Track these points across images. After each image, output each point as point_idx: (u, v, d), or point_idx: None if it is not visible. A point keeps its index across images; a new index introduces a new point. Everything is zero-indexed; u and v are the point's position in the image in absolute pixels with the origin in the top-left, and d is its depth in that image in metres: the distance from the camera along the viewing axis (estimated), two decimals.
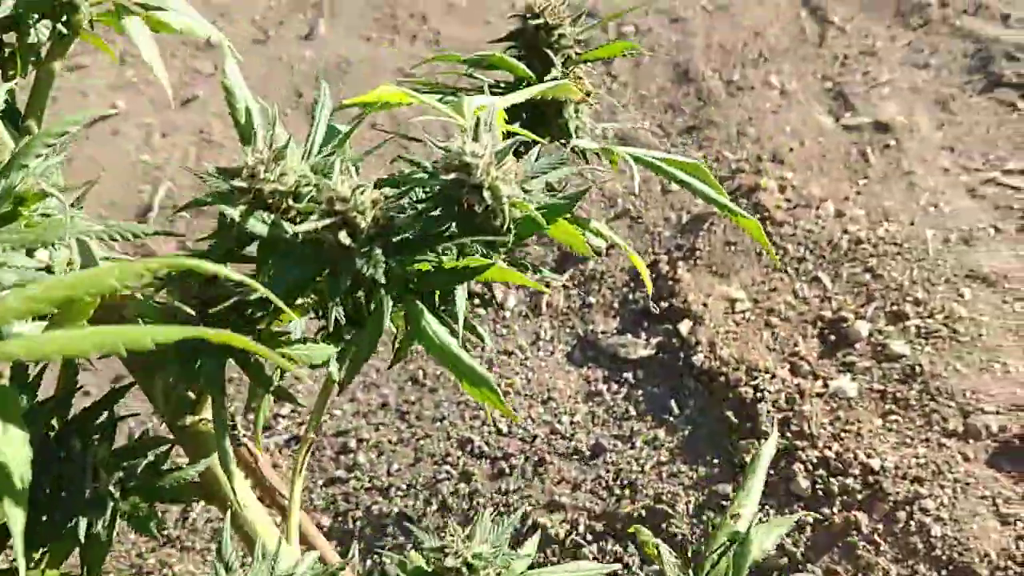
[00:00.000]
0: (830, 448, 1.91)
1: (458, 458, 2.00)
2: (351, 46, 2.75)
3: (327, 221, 0.71)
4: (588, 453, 2.03)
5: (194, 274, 0.80)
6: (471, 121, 0.81)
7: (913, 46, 2.44)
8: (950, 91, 2.34)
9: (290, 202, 0.77)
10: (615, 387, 2.09)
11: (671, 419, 2.02)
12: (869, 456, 1.86)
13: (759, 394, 1.99)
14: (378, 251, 0.72)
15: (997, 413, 1.86)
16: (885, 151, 2.28)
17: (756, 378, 2.01)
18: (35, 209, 0.69)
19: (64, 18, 0.81)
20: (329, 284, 0.73)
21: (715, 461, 1.96)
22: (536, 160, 0.78)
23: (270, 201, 0.77)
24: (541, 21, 1.12)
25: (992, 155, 2.20)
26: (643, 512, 1.90)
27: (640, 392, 2.07)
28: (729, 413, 1.98)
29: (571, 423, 2.06)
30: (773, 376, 2.01)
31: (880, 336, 2.02)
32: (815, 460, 1.89)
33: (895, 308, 2.04)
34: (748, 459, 1.95)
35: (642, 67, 2.54)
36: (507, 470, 1.99)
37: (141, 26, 0.83)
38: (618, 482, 1.98)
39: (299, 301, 0.81)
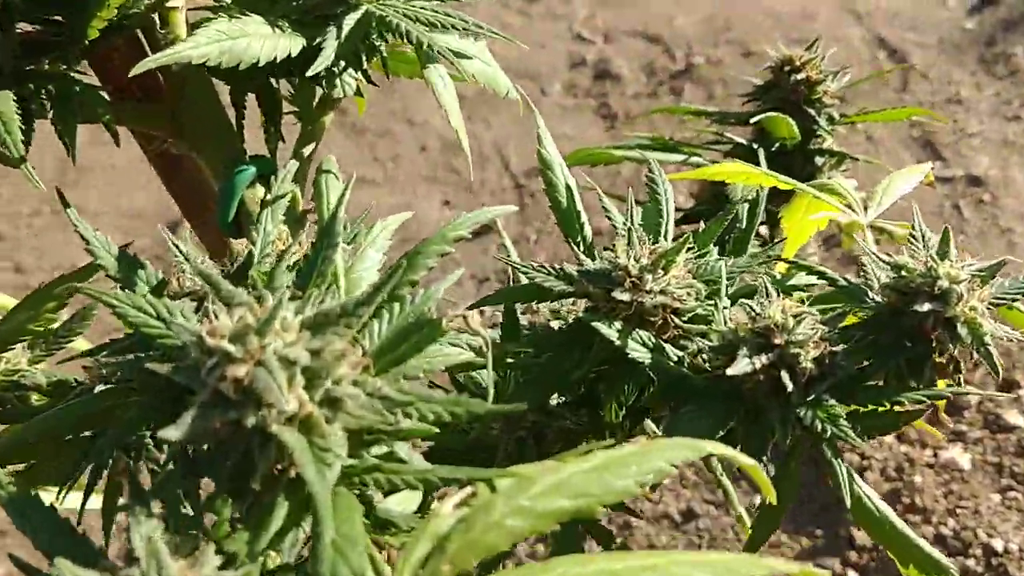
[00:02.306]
0: (945, 524, 1.80)
1: None
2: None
3: (763, 359, 0.55)
4: (679, 518, 1.89)
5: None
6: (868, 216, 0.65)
7: (1001, 96, 2.35)
8: None
9: (673, 319, 0.61)
10: None
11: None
12: (990, 536, 1.75)
13: (865, 462, 1.87)
14: (827, 399, 0.56)
15: None
16: (980, 206, 2.18)
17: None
18: None
19: (365, 66, 0.63)
20: (750, 437, 0.57)
21: (818, 532, 1.83)
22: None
23: (652, 318, 0.60)
24: (802, 76, 0.98)
25: None
26: None
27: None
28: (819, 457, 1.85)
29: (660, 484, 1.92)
30: (879, 443, 1.89)
31: (991, 404, 1.91)
32: (931, 537, 1.78)
33: (1005, 375, 1.93)
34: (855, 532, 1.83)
35: (716, 99, 2.41)
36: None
37: (445, 78, 0.66)
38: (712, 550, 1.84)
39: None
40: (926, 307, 0.55)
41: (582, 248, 0.67)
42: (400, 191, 2.45)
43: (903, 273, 0.57)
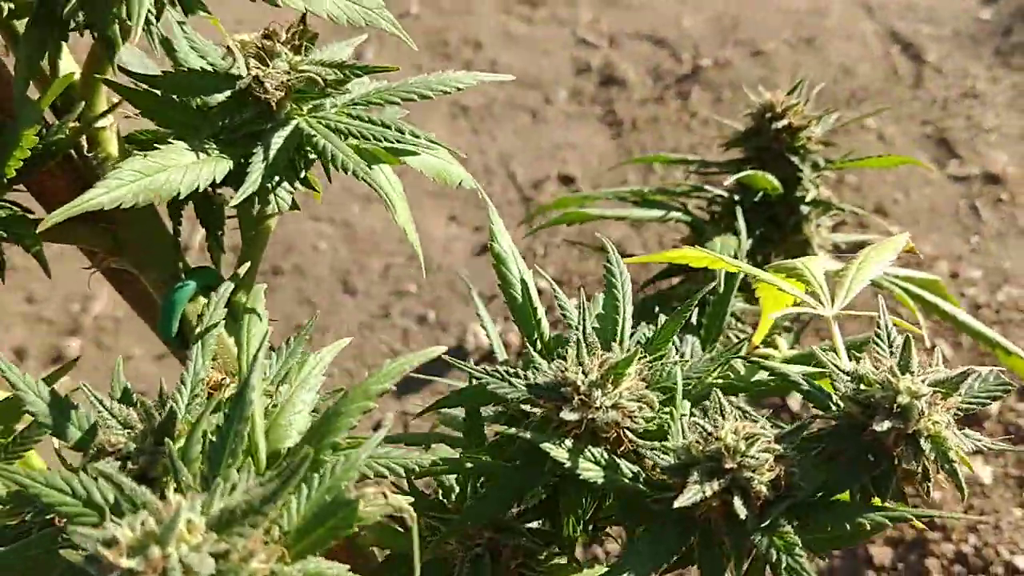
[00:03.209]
0: (966, 542, 1.77)
1: None
2: (401, 76, 2.54)
3: (715, 485, 0.53)
4: None
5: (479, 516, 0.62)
6: (837, 300, 0.63)
7: (1019, 89, 2.28)
8: None
9: (627, 434, 0.58)
10: None
11: None
12: (1013, 553, 1.71)
13: None
14: (784, 524, 0.53)
15: None
16: (998, 205, 2.12)
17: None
18: None
19: (302, 175, 0.61)
20: (706, 563, 0.54)
21: (835, 552, 1.80)
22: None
23: (604, 434, 0.58)
24: (784, 123, 0.94)
25: None
26: None
27: None
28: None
29: None
30: None
31: (1011, 415, 1.86)
32: (951, 555, 1.74)
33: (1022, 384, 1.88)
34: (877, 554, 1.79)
35: (723, 103, 2.36)
36: None
37: (392, 178, 0.64)
38: None
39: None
40: (886, 425, 0.52)
41: (538, 347, 0.64)
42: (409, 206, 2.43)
43: (862, 385, 0.55)
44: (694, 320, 0.84)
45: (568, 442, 0.57)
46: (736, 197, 0.93)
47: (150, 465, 0.53)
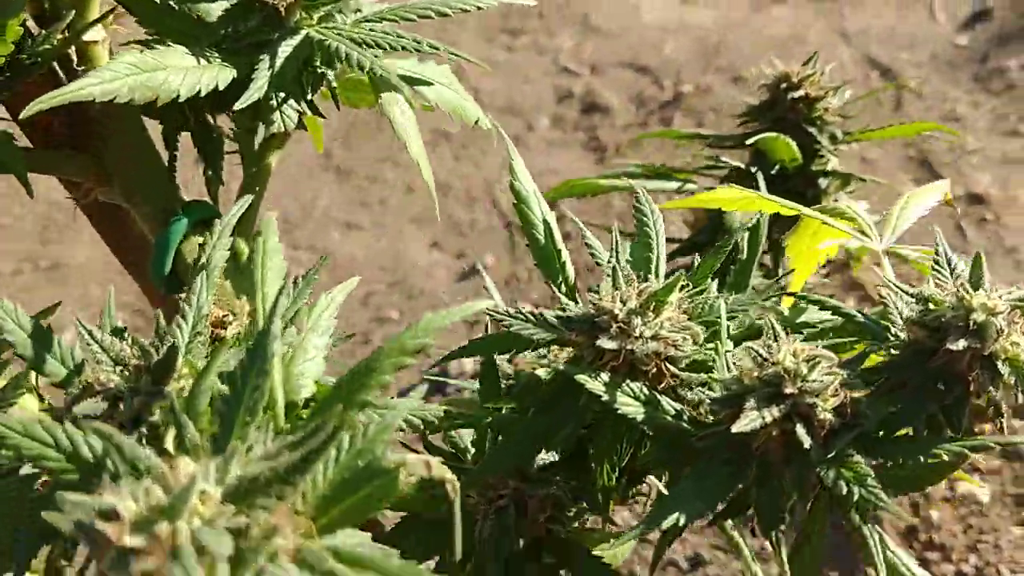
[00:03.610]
0: (967, 561, 1.72)
1: None
2: None
3: (775, 412, 0.47)
4: (686, 565, 1.80)
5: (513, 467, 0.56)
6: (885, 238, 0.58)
7: (998, 112, 2.29)
8: None
9: (669, 367, 0.53)
10: None
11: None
12: (1014, 572, 1.66)
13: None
14: (852, 454, 0.48)
15: None
16: (983, 225, 2.11)
17: None
18: None
19: (309, 96, 0.56)
20: (764, 503, 0.49)
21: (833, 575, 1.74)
22: None
23: (644, 367, 0.53)
24: (801, 93, 0.91)
25: None
26: None
27: None
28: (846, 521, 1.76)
29: None
30: None
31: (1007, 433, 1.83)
32: (951, 575, 1.69)
33: (1019, 402, 1.85)
34: None
35: (706, 127, 2.35)
36: None
37: (405, 108, 0.59)
38: None
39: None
40: (960, 344, 0.48)
41: (563, 290, 0.60)
42: (387, 235, 2.38)
43: (931, 306, 0.50)
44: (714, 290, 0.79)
45: (604, 376, 0.52)
46: (752, 169, 0.89)
47: (145, 408, 0.47)
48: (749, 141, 0.85)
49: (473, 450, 0.62)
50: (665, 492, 0.71)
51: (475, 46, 2.70)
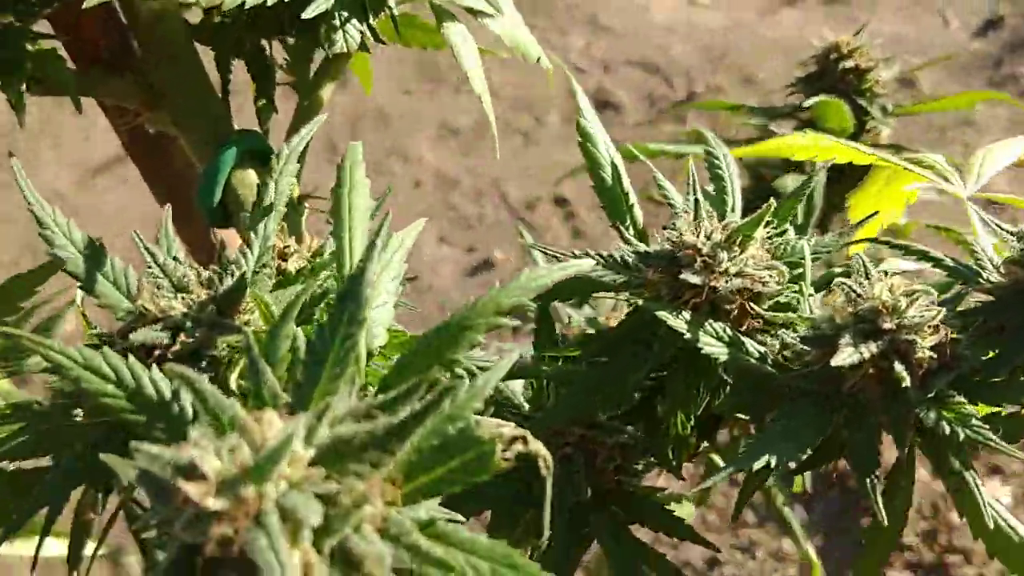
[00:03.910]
0: (988, 565, 1.69)
1: None
2: (389, 97, 2.49)
3: (872, 348, 0.45)
4: (703, 566, 1.77)
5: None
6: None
7: (1014, 118, 2.28)
8: None
9: (753, 307, 0.50)
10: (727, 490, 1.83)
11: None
12: None
13: None
14: (953, 394, 0.45)
15: None
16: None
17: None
18: None
19: (371, 20, 0.53)
20: (859, 446, 0.46)
21: None
22: None
23: (727, 305, 0.50)
24: (851, 64, 0.89)
25: None
26: None
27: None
28: (867, 522, 1.74)
29: None
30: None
31: None
32: None
33: None
34: None
35: (720, 126, 2.33)
36: None
37: (466, 35, 0.56)
38: None
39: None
40: None
41: (632, 232, 0.57)
42: (394, 228, 2.36)
43: None
44: None
45: (686, 314, 0.49)
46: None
47: (208, 341, 0.44)
48: (807, 103, 0.83)
49: (527, 405, 0.59)
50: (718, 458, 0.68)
51: (484, 42, 2.68)
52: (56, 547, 0.62)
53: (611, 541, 0.51)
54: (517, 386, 0.62)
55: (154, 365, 0.39)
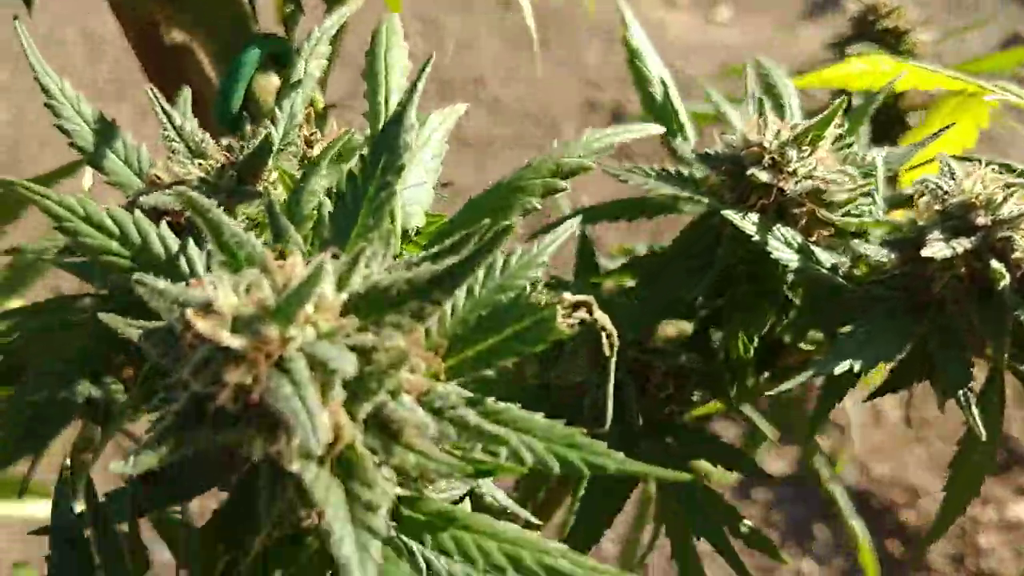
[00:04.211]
0: None
1: None
2: None
3: (965, 243, 0.40)
4: None
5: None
6: None
7: None
8: None
9: (824, 213, 0.46)
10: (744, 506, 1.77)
11: (816, 550, 1.70)
12: None
13: (924, 522, 1.70)
14: None
15: None
16: None
17: (916, 501, 1.71)
18: None
19: None
20: (947, 360, 0.41)
21: None
22: None
23: (796, 210, 0.46)
24: (890, 24, 0.85)
25: None
26: None
27: (778, 514, 1.75)
28: (888, 543, 1.67)
29: None
30: (934, 500, 1.72)
31: None
32: None
33: None
34: None
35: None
36: None
37: None
38: None
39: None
40: None
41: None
42: None
43: None
44: None
45: (753, 216, 0.45)
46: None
47: (226, 209, 0.39)
48: (849, 49, 0.79)
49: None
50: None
51: (501, 55, 2.66)
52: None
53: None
54: None
55: (163, 222, 0.35)
